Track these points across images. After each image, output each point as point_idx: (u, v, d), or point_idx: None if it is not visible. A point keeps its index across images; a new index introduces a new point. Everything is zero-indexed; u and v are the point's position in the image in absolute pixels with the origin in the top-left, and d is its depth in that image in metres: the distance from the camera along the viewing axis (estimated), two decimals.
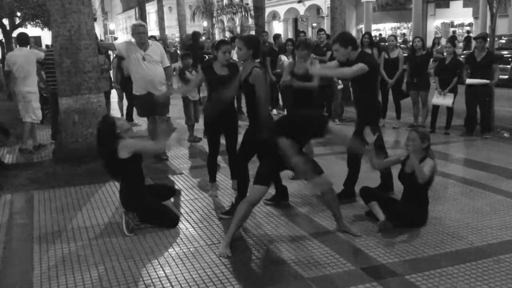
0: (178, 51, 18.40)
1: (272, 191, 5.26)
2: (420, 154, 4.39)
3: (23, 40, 7.85)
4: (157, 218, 4.51)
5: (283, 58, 9.82)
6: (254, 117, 4.82)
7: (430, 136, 4.60)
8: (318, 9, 35.21)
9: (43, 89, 9.10)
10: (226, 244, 3.96)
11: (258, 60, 4.98)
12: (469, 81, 8.08)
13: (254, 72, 4.66)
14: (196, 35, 12.60)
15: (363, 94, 4.90)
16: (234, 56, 7.77)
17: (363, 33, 10.95)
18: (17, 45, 7.97)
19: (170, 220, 4.53)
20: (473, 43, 15.80)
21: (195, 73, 8.26)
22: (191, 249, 4.04)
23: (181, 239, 4.27)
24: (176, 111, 9.99)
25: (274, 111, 10.41)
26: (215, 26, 35.28)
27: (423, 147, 4.38)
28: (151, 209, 4.51)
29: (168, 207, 4.81)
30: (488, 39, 9.41)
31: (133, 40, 6.63)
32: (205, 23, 35.84)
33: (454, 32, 28.12)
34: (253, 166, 5.27)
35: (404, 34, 30.19)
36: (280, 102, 10.81)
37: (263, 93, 4.69)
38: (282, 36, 18.18)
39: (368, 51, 9.33)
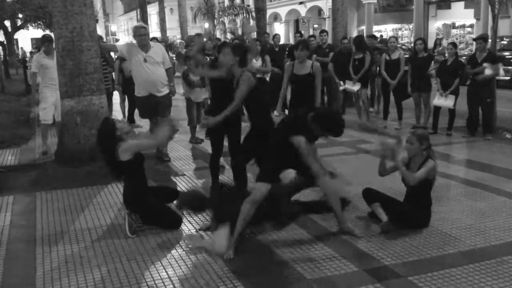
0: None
1: None
2: (421, 156, 4.38)
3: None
4: (160, 219, 4.51)
5: (253, 60, 9.56)
6: (254, 121, 4.85)
7: (429, 136, 4.57)
8: (319, 10, 35.21)
9: None
10: (230, 245, 3.95)
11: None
12: (488, 71, 7.94)
13: (243, 76, 4.73)
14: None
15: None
16: None
17: (350, 37, 10.71)
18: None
19: (172, 222, 4.53)
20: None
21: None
22: (193, 251, 4.04)
23: (184, 240, 4.26)
24: (178, 112, 9.99)
25: (275, 113, 10.38)
26: (217, 27, 35.32)
27: (423, 149, 4.37)
28: (154, 210, 4.51)
29: (171, 208, 4.81)
30: (489, 40, 9.41)
31: (134, 42, 6.64)
32: (206, 25, 35.87)
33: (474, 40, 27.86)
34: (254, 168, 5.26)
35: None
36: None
37: (239, 95, 4.76)
38: (282, 37, 18.12)
39: (359, 55, 9.30)
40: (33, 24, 18.39)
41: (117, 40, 44.11)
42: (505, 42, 16.93)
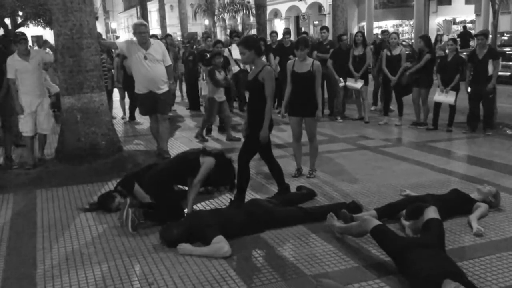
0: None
1: (274, 188, 5.27)
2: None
3: None
4: (166, 210, 4.55)
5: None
6: (255, 116, 4.83)
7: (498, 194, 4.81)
8: (319, 7, 35.14)
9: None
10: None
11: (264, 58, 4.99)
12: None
13: (265, 69, 4.74)
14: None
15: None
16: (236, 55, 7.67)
17: (356, 32, 10.77)
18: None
19: (175, 215, 4.51)
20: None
21: (223, 73, 8.16)
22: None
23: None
24: (180, 109, 10.01)
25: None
26: (217, 24, 35.28)
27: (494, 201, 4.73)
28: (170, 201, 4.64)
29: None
30: (490, 36, 9.38)
31: (134, 39, 6.64)
32: (206, 22, 35.84)
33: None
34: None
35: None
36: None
37: (270, 91, 4.76)
38: (280, 34, 17.95)
39: (361, 50, 9.30)
40: (33, 22, 18.29)
41: (117, 38, 44.04)
42: (505, 38, 16.91)
